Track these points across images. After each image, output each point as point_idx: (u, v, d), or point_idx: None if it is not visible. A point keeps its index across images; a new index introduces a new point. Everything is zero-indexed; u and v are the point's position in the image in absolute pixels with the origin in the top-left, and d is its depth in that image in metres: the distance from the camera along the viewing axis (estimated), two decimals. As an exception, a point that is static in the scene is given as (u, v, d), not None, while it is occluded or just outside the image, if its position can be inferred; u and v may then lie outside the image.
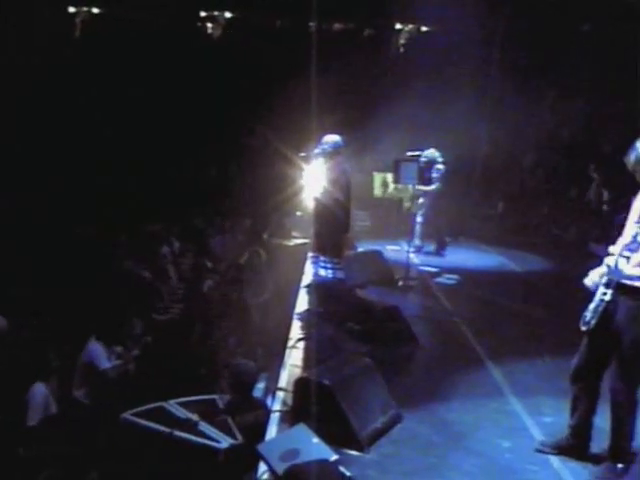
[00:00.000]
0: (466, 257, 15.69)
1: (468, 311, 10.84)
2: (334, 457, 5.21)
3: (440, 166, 14.93)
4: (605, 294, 5.52)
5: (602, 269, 5.74)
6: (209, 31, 24.90)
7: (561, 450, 5.99)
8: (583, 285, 5.86)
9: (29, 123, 17.86)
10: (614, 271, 5.49)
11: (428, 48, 20.75)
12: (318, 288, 9.60)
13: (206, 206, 17.44)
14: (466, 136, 18.68)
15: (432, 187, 14.77)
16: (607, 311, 5.52)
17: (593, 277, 5.79)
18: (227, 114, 19.42)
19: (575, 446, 5.97)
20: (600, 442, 5.95)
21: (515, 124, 19.35)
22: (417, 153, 13.44)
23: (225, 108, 18.90)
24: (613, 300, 5.50)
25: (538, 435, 6.40)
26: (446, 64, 19.46)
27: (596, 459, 5.89)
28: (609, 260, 5.66)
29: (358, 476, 5.13)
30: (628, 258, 5.46)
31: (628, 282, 5.48)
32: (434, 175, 14.79)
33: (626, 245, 5.52)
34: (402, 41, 21.60)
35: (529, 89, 19.21)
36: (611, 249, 5.74)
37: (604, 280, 5.60)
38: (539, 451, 6.04)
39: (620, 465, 5.71)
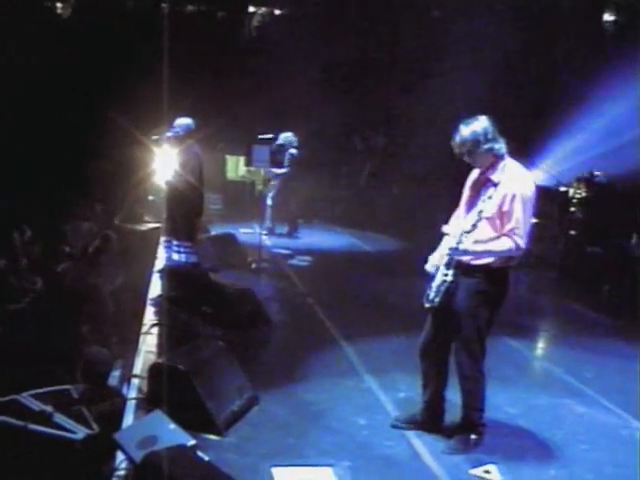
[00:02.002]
0: (319, 239, 15.87)
1: (321, 292, 10.97)
2: (192, 442, 5.19)
3: (293, 150, 15.02)
4: (446, 275, 5.69)
5: (441, 252, 5.92)
6: (58, 11, 24.09)
7: (416, 425, 6.15)
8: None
9: None
10: (456, 250, 5.67)
11: (282, 31, 20.77)
12: (171, 273, 9.51)
13: (59, 191, 16.96)
14: (318, 119, 18.85)
15: (284, 170, 14.86)
16: (449, 290, 5.69)
17: (433, 261, 5.98)
18: (78, 97, 18.91)
19: (429, 420, 6.14)
20: (454, 415, 6.15)
21: (365, 106, 19.61)
22: (269, 136, 13.48)
23: (75, 91, 18.39)
24: (454, 280, 5.69)
25: (393, 411, 6.54)
26: (298, 47, 19.48)
27: (450, 432, 6.07)
28: (448, 241, 5.85)
29: (217, 460, 5.12)
30: (466, 237, 5.64)
31: (466, 262, 5.68)
32: (286, 158, 14.88)
33: (464, 225, 5.72)
34: (255, 24, 21.52)
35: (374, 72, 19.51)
36: (445, 229, 5.94)
37: (444, 261, 5.76)
38: (395, 427, 6.19)
39: (473, 436, 5.92)
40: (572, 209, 13.77)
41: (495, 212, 5.59)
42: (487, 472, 5.54)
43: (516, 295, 12.74)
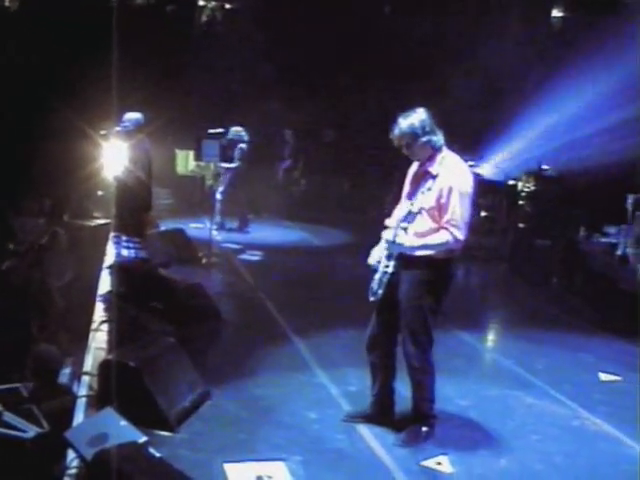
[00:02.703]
0: (269, 233, 15.86)
1: (272, 286, 10.97)
2: (143, 439, 5.15)
3: (243, 144, 15.00)
4: (387, 266, 5.73)
5: (382, 245, 5.95)
6: (6, 4, 23.73)
7: (367, 418, 6.17)
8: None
9: None
10: (393, 244, 5.70)
11: (232, 25, 20.67)
12: (121, 269, 9.43)
13: (6, 187, 16.73)
14: (270, 114, 18.83)
15: (234, 165, 14.83)
16: (391, 282, 5.73)
17: (375, 255, 6.00)
18: (24, 90, 18.64)
19: (379, 413, 6.16)
20: (405, 408, 6.18)
21: (316, 101, 19.60)
22: (219, 131, 13.42)
23: (23, 84, 18.13)
24: (395, 271, 5.72)
25: (345, 405, 6.56)
26: (248, 41, 19.43)
27: (401, 424, 6.10)
28: (387, 234, 5.87)
29: (169, 456, 5.08)
30: (406, 229, 5.69)
31: (407, 253, 5.71)
32: (237, 153, 14.85)
33: (403, 217, 5.75)
34: (205, 18, 21.37)
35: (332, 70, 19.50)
36: (387, 222, 5.97)
37: (385, 253, 5.80)
38: (346, 421, 6.20)
39: (424, 428, 5.95)
40: (521, 202, 13.92)
41: (434, 204, 5.64)
42: (438, 463, 5.58)
43: (466, 288, 12.89)
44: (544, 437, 6.30)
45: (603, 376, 8.12)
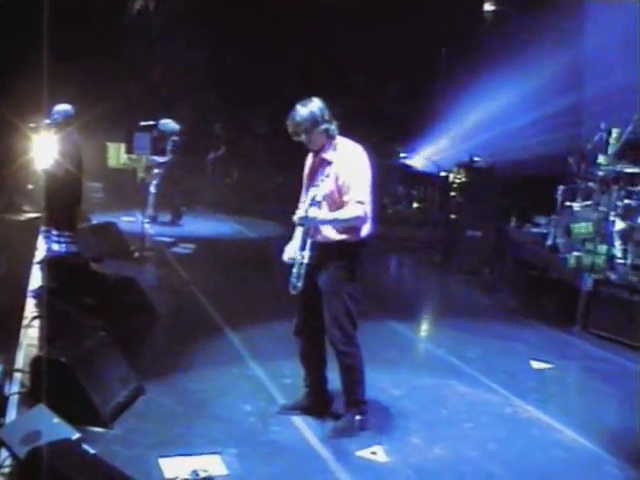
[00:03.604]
0: (202, 226, 15.81)
1: (205, 279, 10.94)
2: (77, 436, 5.09)
3: (175, 137, 14.91)
4: (303, 257, 5.77)
5: (293, 242, 6.03)
6: None
7: (301, 409, 6.20)
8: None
9: None
10: (306, 219, 5.74)
11: (164, 15, 20.49)
12: (51, 263, 9.31)
13: None
14: (201, 106, 18.72)
15: (166, 158, 14.73)
16: (309, 272, 5.77)
17: (289, 252, 6.07)
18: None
19: (313, 404, 6.20)
20: (338, 398, 6.24)
21: (247, 93, 19.55)
22: (151, 123, 13.32)
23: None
24: (310, 261, 5.76)
25: (279, 397, 6.57)
26: (180, 33, 19.29)
27: (335, 414, 6.15)
28: (297, 214, 5.89)
29: (103, 453, 5.03)
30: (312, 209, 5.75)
31: (320, 240, 5.79)
32: (168, 145, 14.75)
33: (310, 205, 5.79)
34: (137, 7, 21.13)
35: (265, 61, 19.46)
36: (294, 218, 5.96)
37: (299, 244, 5.85)
38: (281, 413, 6.21)
39: (358, 417, 5.99)
40: (452, 194, 14.05)
41: (334, 188, 5.73)
42: (373, 453, 5.62)
43: (399, 278, 13.00)
44: (477, 425, 6.38)
45: (534, 364, 8.25)
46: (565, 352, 8.99)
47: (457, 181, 14.35)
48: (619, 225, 10.91)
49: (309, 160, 6.12)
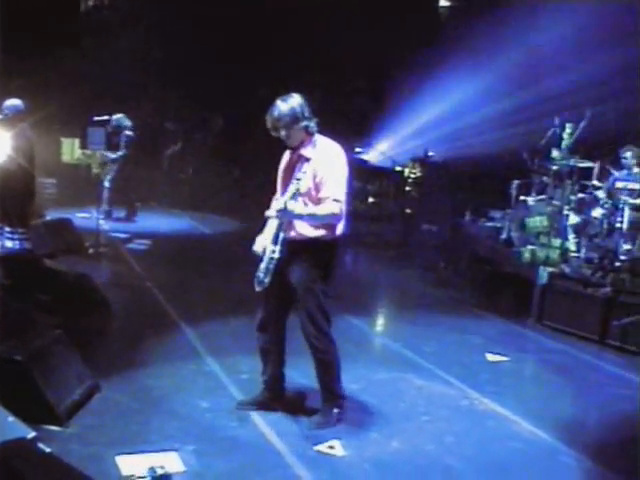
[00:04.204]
0: (157, 222, 15.73)
1: (160, 275, 10.88)
2: (32, 434, 5.03)
3: (129, 132, 14.81)
4: (274, 252, 5.75)
5: (265, 234, 6.02)
6: None
7: (259, 405, 6.19)
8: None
9: None
10: (284, 211, 5.70)
11: (119, 10, 20.31)
12: (4, 260, 9.19)
13: None
14: (157, 101, 18.60)
15: (120, 153, 14.64)
16: (278, 268, 5.76)
17: (260, 243, 6.05)
18: None
19: (271, 399, 6.20)
20: (298, 392, 6.33)
21: (203, 88, 19.46)
22: (105, 118, 13.21)
23: None
24: (281, 256, 5.75)
25: (236, 393, 6.55)
26: (135, 28, 19.14)
27: (293, 409, 6.18)
28: (276, 206, 5.86)
29: (60, 451, 4.97)
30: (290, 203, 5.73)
31: (292, 236, 5.77)
32: (122, 141, 14.65)
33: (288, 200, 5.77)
34: (92, 2, 20.90)
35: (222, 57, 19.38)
36: (268, 213, 5.95)
37: (271, 238, 5.82)
38: (238, 408, 6.19)
39: (335, 410, 6.02)
40: (408, 188, 14.11)
41: (312, 185, 5.73)
42: (331, 447, 5.63)
43: (355, 273, 13.03)
44: (434, 418, 6.42)
45: (490, 357, 8.32)
46: (520, 344, 9.08)
47: (412, 176, 14.42)
48: (573, 219, 11.06)
49: (286, 156, 6.10)
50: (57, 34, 18.28)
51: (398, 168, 15.94)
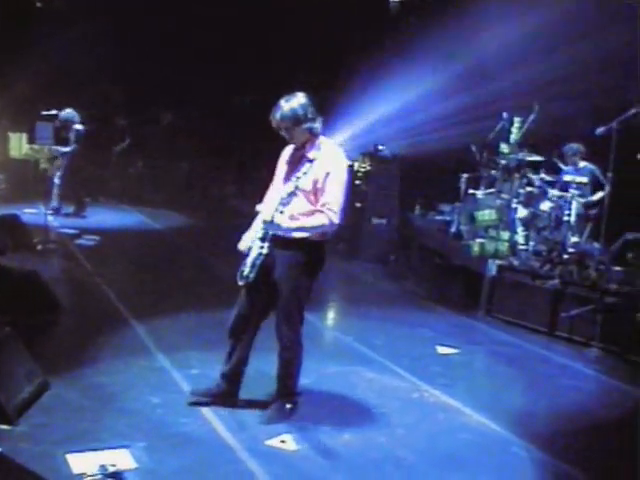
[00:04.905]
0: (107, 217, 15.61)
1: (110, 271, 10.80)
2: (-20, 433, 5.00)
3: (78, 126, 14.68)
4: (262, 247, 5.75)
5: (253, 230, 6.00)
6: None
7: (212, 396, 6.17)
8: (231, 241, 6.13)
9: None
10: (271, 224, 5.71)
11: (71, 4, 20.07)
12: (-49, 257, 9.09)
13: None
14: (106, 96, 18.45)
15: (69, 148, 14.51)
16: (265, 264, 5.76)
17: (246, 241, 6.04)
18: None
19: (225, 395, 6.18)
20: (254, 387, 6.33)
21: (152, 83, 19.33)
22: (53, 112, 13.06)
23: None
24: (270, 253, 5.75)
25: (187, 388, 6.51)
26: (84, 22, 18.90)
27: (247, 405, 6.20)
28: (263, 215, 5.87)
29: (9, 450, 4.92)
30: (282, 212, 5.73)
31: (283, 234, 5.76)
32: (71, 135, 14.52)
33: (280, 200, 5.77)
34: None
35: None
36: (258, 207, 5.99)
37: (259, 235, 5.82)
38: (192, 403, 6.16)
39: (288, 405, 6.07)
40: (357, 182, 14.13)
41: (310, 188, 5.73)
42: (283, 442, 5.64)
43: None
44: (386, 410, 6.46)
45: (440, 349, 8.40)
46: (470, 337, 9.17)
47: (362, 170, 14.42)
48: (521, 212, 11.17)
49: (287, 152, 6.11)
50: (6, 28, 18.09)
51: (348, 162, 15.99)
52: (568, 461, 5.84)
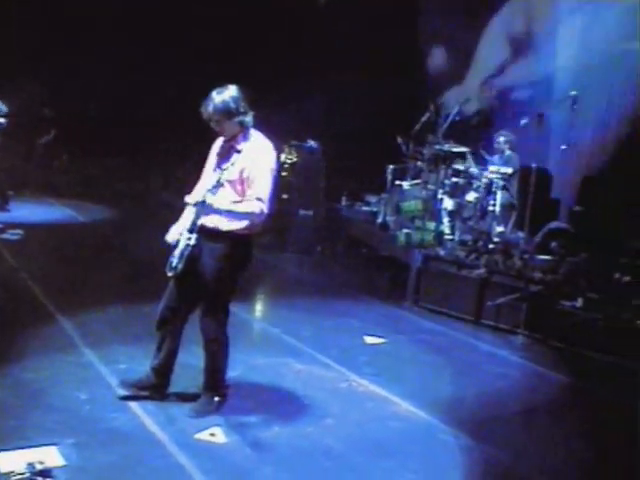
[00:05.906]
0: (31, 211, 15.36)
1: (35, 266, 10.63)
2: None
3: (2, 118, 14.42)
4: (190, 238, 5.74)
5: (181, 222, 5.99)
6: None
7: (141, 388, 6.14)
8: (158, 234, 6.11)
9: None
10: (203, 205, 5.69)
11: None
12: None
13: None
14: (30, 88, 18.15)
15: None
16: (193, 255, 5.75)
17: (174, 233, 6.02)
18: None
19: (154, 388, 6.16)
20: (185, 381, 6.34)
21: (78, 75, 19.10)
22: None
23: None
24: (197, 244, 5.74)
25: (115, 383, 6.46)
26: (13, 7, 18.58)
27: (175, 399, 6.20)
28: (190, 211, 5.89)
29: None
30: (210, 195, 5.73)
31: (210, 226, 5.78)
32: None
33: (208, 189, 5.76)
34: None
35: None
36: (187, 198, 5.96)
37: (187, 226, 5.81)
38: (122, 398, 6.12)
39: (216, 398, 6.08)
40: (284, 174, 14.14)
41: (237, 177, 5.75)
42: (212, 435, 5.65)
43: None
44: (314, 401, 6.52)
45: (368, 339, 8.48)
46: (397, 326, 9.27)
47: (288, 161, 14.44)
48: (447, 203, 11.30)
49: (218, 143, 6.09)
50: None
51: (275, 153, 15.96)
52: (494, 446, 5.97)
